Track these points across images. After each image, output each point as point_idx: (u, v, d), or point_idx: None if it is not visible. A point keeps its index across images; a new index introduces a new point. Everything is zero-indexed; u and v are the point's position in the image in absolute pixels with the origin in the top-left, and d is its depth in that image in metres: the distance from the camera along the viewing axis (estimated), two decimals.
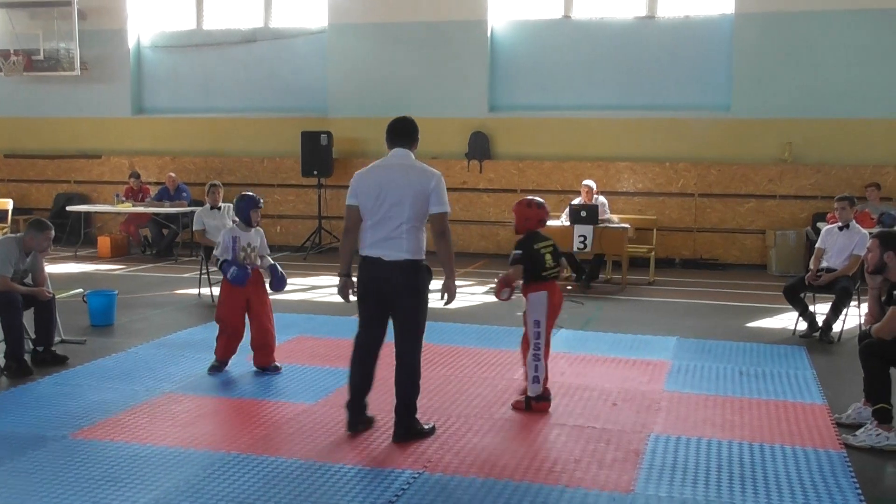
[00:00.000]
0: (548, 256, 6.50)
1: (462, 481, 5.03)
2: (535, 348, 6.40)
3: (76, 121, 17.56)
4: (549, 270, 6.48)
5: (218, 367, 7.32)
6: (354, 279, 5.74)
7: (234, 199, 7.62)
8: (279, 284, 7.52)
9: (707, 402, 6.65)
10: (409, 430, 5.70)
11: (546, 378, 6.46)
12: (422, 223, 5.61)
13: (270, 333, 7.35)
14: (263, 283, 7.50)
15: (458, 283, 6.69)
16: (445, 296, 5.77)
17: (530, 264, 6.41)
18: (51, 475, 5.08)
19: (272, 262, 7.56)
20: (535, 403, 6.42)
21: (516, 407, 6.46)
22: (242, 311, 7.31)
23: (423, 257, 5.66)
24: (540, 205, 6.62)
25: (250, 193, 7.57)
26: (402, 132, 5.82)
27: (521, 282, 6.45)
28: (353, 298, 5.77)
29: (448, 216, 5.65)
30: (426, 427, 5.81)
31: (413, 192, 5.54)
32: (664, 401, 6.69)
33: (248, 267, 7.28)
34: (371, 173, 5.67)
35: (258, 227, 7.55)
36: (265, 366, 7.33)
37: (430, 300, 5.76)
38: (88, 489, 4.87)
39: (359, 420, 5.82)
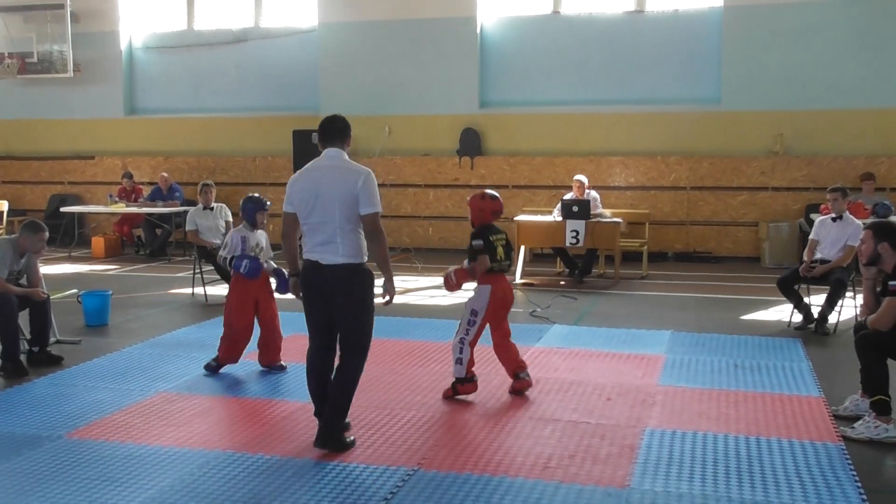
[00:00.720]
0: (500, 249, 6.62)
1: (457, 478, 5.04)
2: (465, 333, 6.59)
3: (70, 122, 17.55)
4: (498, 263, 6.59)
5: (216, 367, 7.30)
6: None
7: (241, 201, 7.64)
8: (285, 288, 7.50)
9: (702, 396, 6.67)
10: (330, 437, 5.45)
11: (471, 362, 6.58)
12: (357, 225, 5.38)
13: (278, 332, 7.40)
14: (270, 283, 7.51)
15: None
16: (386, 297, 5.56)
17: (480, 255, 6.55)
18: (47, 475, 5.09)
19: (275, 266, 7.55)
20: (460, 387, 6.56)
21: (445, 395, 6.58)
22: (252, 310, 7.33)
23: (363, 260, 5.44)
24: (494, 197, 6.74)
25: (257, 195, 7.61)
26: (334, 131, 5.60)
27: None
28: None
29: (379, 216, 5.42)
30: (348, 440, 5.53)
31: (342, 194, 5.33)
32: (659, 395, 6.71)
33: (260, 259, 7.33)
34: (304, 177, 5.49)
35: (262, 230, 7.60)
36: (272, 364, 7.34)
37: (374, 304, 5.54)
38: (84, 489, 4.87)
39: None
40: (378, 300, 5.52)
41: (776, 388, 6.88)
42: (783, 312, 9.54)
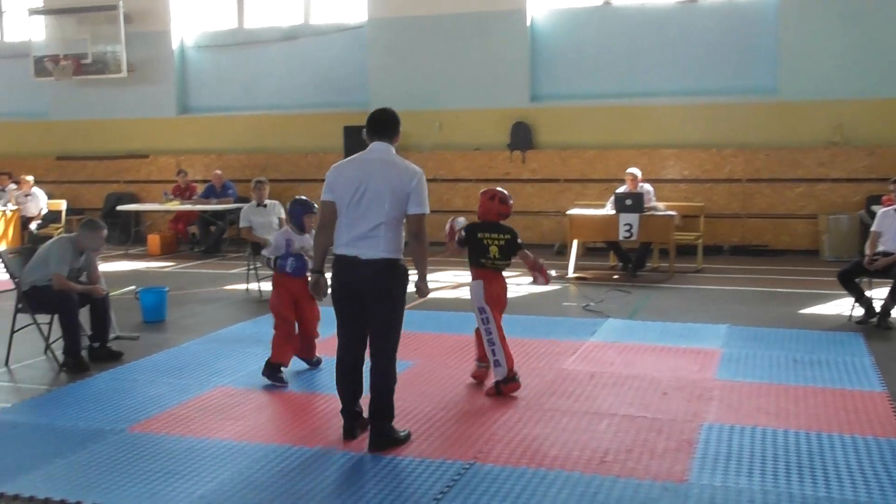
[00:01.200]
0: (493, 248, 6.63)
1: (513, 472, 5.03)
2: (487, 333, 6.55)
3: (124, 122, 17.83)
4: (489, 260, 6.63)
5: (278, 370, 7.00)
6: (328, 277, 5.47)
7: (289, 203, 7.62)
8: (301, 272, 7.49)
9: (761, 391, 6.57)
10: (385, 436, 5.40)
11: (509, 359, 6.52)
12: (400, 222, 5.33)
13: (315, 333, 7.34)
14: None
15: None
16: (417, 295, 5.56)
17: (472, 249, 6.67)
18: (111, 467, 5.18)
19: None
20: (504, 387, 6.50)
21: (489, 394, 6.53)
22: (294, 306, 7.29)
23: (401, 257, 5.37)
24: (503, 200, 6.83)
25: (304, 198, 7.55)
26: (384, 125, 5.49)
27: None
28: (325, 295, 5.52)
29: (426, 218, 5.37)
30: (402, 434, 5.51)
31: (393, 190, 5.24)
32: (716, 389, 6.63)
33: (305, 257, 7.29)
34: (349, 167, 5.39)
35: (309, 234, 7.55)
36: (309, 358, 7.34)
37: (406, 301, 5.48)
38: (147, 481, 4.95)
39: (355, 425, 5.56)
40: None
41: (837, 384, 6.75)
42: (844, 306, 9.36)
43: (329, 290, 5.44)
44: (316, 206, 7.48)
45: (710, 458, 5.21)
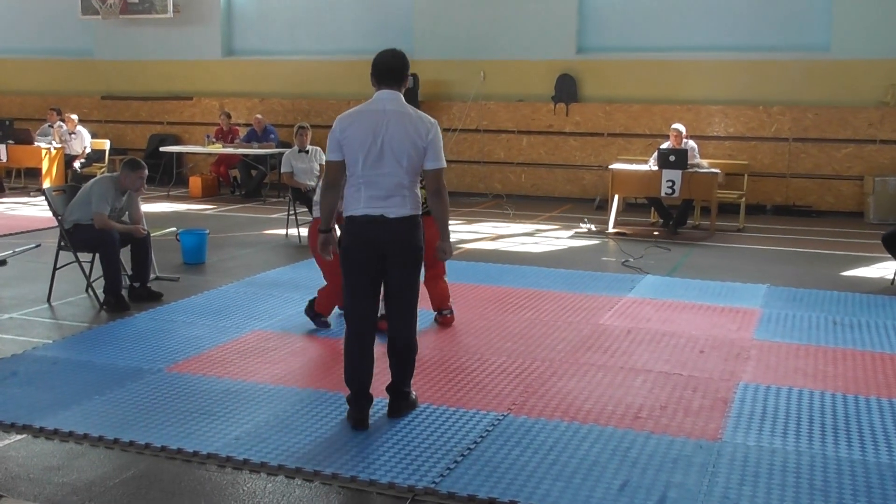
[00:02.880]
0: (421, 191, 6.52)
1: (546, 424, 5.04)
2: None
3: (169, 63, 17.86)
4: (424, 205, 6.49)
5: (318, 316, 7.06)
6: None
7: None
8: None
9: (799, 352, 6.51)
10: (407, 401, 5.22)
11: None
12: (417, 178, 4.98)
13: None
14: None
15: (544, 226, 6.67)
16: (438, 255, 5.22)
17: None
18: (148, 406, 5.26)
19: None
20: (441, 318, 7.06)
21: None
22: None
23: (420, 212, 5.05)
24: None
25: None
26: (395, 70, 4.96)
27: None
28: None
29: (444, 172, 5.01)
30: (414, 395, 5.32)
31: (411, 144, 4.84)
32: (753, 349, 6.57)
33: None
34: (360, 121, 4.88)
35: None
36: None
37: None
38: (184, 420, 5.03)
39: (368, 414, 5.06)
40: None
41: (877, 347, 6.66)
42: (887, 269, 9.21)
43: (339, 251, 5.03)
44: None
45: (745, 418, 5.18)
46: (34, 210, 13.29)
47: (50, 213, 8.06)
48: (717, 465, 4.52)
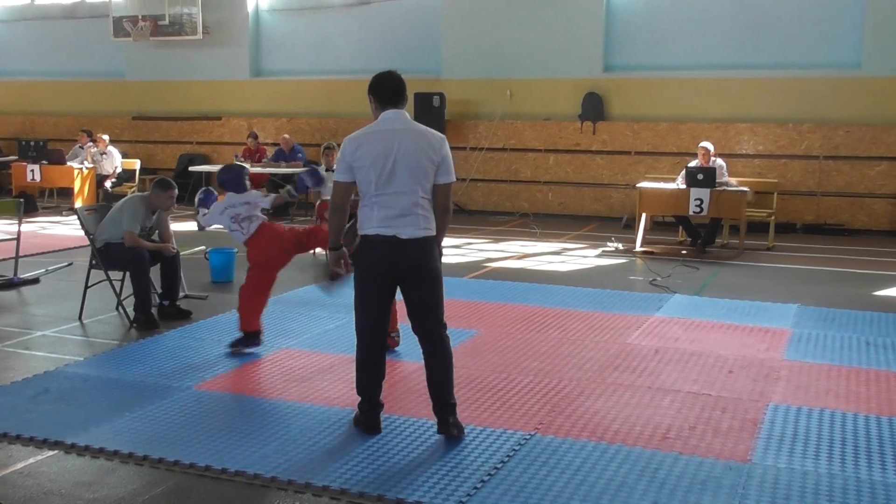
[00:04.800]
0: None
1: (573, 444, 5.01)
2: None
3: (198, 84, 18.06)
4: None
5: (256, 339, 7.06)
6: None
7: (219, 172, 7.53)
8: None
9: (830, 373, 6.44)
10: (456, 421, 5.09)
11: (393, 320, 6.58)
12: (430, 194, 4.97)
13: None
14: None
15: (571, 245, 6.66)
16: None
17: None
18: (177, 423, 5.29)
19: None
20: None
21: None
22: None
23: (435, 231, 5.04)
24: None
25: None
26: (399, 91, 5.05)
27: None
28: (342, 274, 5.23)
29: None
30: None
31: (426, 162, 4.87)
32: (784, 370, 6.51)
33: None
34: (372, 142, 4.88)
35: None
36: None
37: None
38: (212, 438, 5.05)
39: (380, 419, 5.20)
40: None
41: None
42: None
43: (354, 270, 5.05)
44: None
45: (776, 439, 5.13)
46: (66, 229, 13.44)
47: (82, 232, 8.16)
48: (747, 488, 4.47)
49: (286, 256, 7.13)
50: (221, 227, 7.17)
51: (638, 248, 11.76)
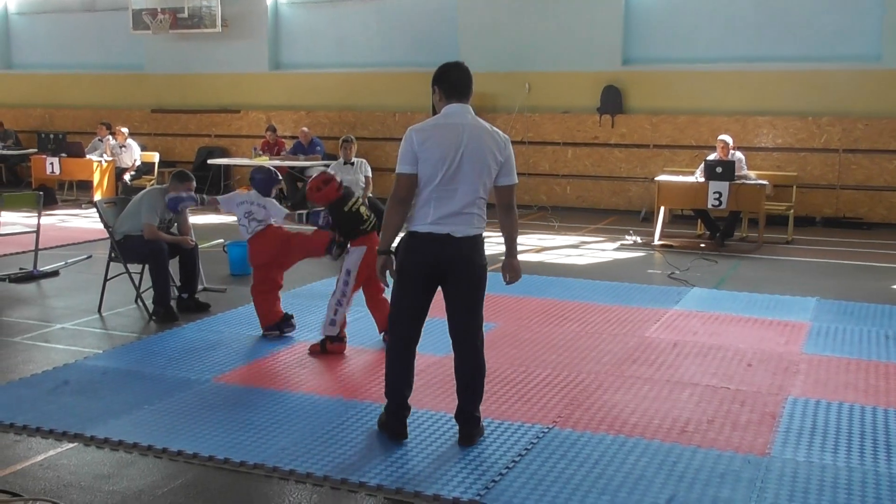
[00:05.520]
0: (362, 209, 6.76)
1: (592, 437, 5.01)
2: (341, 294, 6.64)
3: (217, 76, 18.10)
4: (367, 222, 6.71)
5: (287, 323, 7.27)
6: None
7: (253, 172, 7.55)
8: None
9: (849, 366, 6.40)
10: (479, 427, 4.99)
11: (343, 323, 6.66)
12: (487, 194, 4.84)
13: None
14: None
15: (589, 238, 6.64)
16: (508, 276, 5.03)
17: (346, 224, 6.70)
18: (196, 416, 5.32)
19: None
20: (330, 345, 6.64)
21: (313, 351, 6.63)
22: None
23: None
24: (327, 180, 6.80)
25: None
26: (467, 83, 4.88)
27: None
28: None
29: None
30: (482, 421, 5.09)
31: (491, 159, 4.75)
32: (802, 363, 6.48)
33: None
34: (440, 134, 4.72)
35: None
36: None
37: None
38: (230, 431, 5.07)
39: (406, 424, 5.03)
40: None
41: None
42: None
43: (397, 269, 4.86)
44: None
45: (794, 433, 5.11)
46: (86, 222, 13.52)
47: (101, 225, 8.20)
48: (766, 481, 4.46)
49: (287, 261, 7.28)
50: (234, 216, 7.24)
51: (656, 241, 11.72)
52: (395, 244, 4.92)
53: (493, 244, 11.75)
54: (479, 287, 4.89)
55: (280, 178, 7.55)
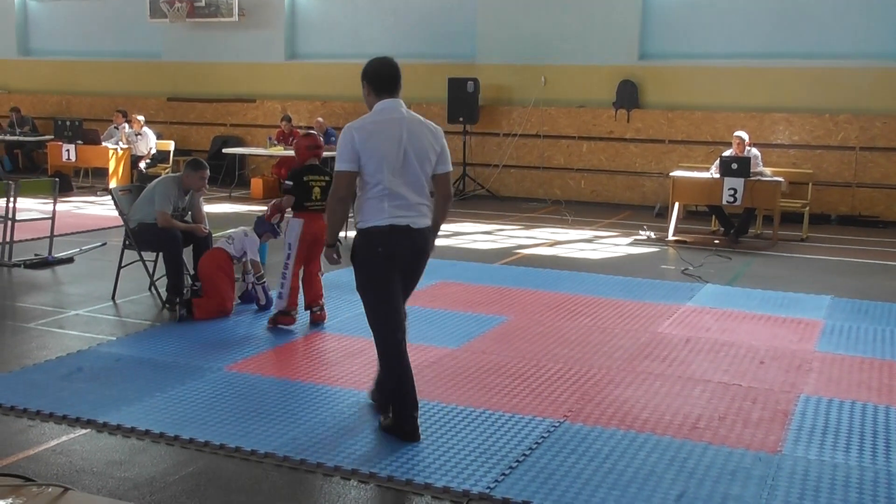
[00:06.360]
0: (316, 189, 7.05)
1: (602, 432, 5.01)
2: (284, 267, 7.01)
3: (233, 66, 18.13)
4: (314, 203, 7.01)
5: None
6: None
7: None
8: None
9: (863, 365, 6.37)
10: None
11: (293, 295, 6.99)
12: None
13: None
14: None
15: (603, 233, 6.63)
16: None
17: (298, 194, 7.02)
18: (207, 404, 5.34)
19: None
20: (280, 318, 6.99)
21: (268, 326, 7.01)
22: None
23: None
24: (307, 134, 7.58)
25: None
26: (397, 78, 4.96)
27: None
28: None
29: None
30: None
31: (432, 151, 4.85)
32: (816, 361, 6.45)
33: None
34: (381, 130, 4.78)
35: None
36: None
37: None
38: (241, 420, 5.09)
39: (418, 425, 4.93)
40: None
41: None
42: None
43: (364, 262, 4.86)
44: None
45: (806, 431, 5.09)
46: (101, 209, 13.57)
47: (116, 213, 8.23)
48: (777, 479, 4.45)
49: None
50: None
51: (670, 236, 11.69)
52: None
53: (505, 237, 11.74)
54: (421, 274, 5.08)
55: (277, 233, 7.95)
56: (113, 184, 14.69)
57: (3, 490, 2.43)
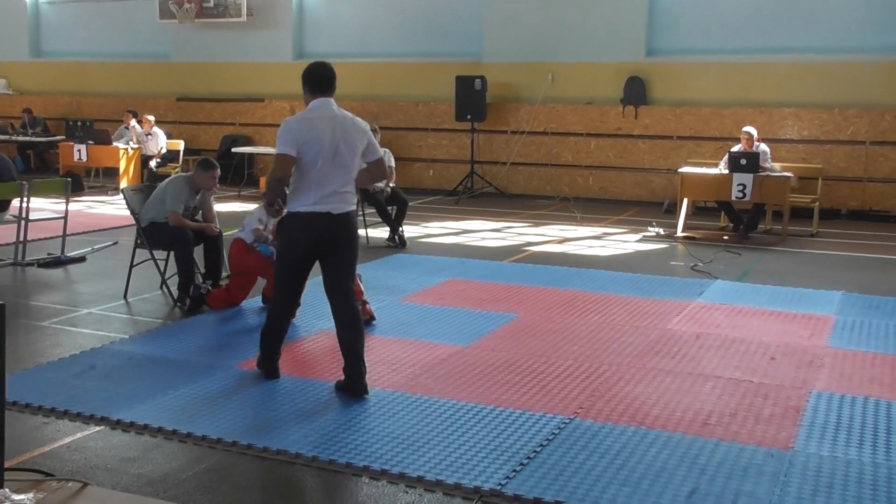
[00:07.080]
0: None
1: (613, 429, 5.01)
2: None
3: (242, 65, 18.17)
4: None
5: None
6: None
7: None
8: None
9: (875, 361, 6.36)
10: (364, 382, 5.56)
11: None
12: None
13: None
14: None
15: (611, 230, 6.63)
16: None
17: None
18: (219, 402, 5.36)
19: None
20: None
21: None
22: None
23: None
24: None
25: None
26: (332, 80, 5.65)
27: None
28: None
29: None
30: None
31: (360, 144, 5.55)
32: (827, 357, 6.45)
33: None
34: (320, 126, 5.44)
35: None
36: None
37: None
38: (253, 417, 5.12)
39: (279, 367, 5.86)
40: None
41: None
42: None
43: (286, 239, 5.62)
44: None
45: (818, 427, 5.09)
46: (112, 208, 13.63)
47: (127, 212, 8.27)
48: (789, 475, 4.45)
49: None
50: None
51: (679, 233, 11.68)
52: None
53: (513, 234, 11.74)
54: (356, 254, 5.70)
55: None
56: (123, 183, 14.75)
57: (24, 485, 2.46)
